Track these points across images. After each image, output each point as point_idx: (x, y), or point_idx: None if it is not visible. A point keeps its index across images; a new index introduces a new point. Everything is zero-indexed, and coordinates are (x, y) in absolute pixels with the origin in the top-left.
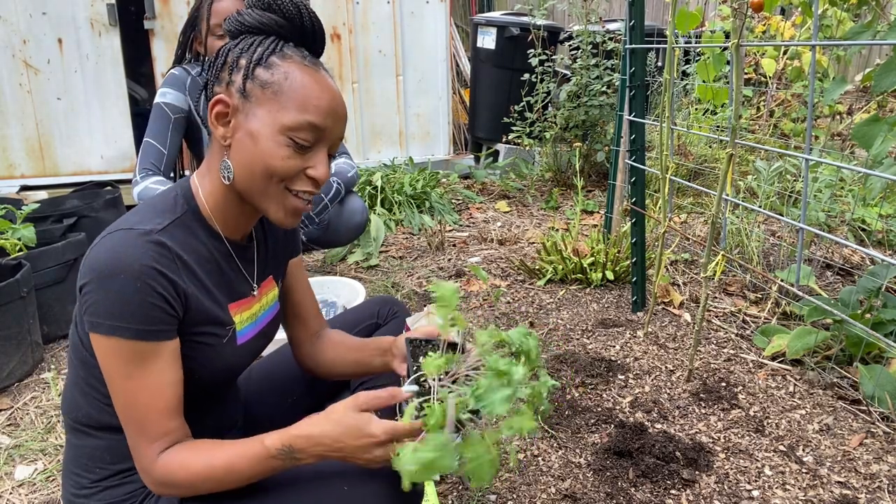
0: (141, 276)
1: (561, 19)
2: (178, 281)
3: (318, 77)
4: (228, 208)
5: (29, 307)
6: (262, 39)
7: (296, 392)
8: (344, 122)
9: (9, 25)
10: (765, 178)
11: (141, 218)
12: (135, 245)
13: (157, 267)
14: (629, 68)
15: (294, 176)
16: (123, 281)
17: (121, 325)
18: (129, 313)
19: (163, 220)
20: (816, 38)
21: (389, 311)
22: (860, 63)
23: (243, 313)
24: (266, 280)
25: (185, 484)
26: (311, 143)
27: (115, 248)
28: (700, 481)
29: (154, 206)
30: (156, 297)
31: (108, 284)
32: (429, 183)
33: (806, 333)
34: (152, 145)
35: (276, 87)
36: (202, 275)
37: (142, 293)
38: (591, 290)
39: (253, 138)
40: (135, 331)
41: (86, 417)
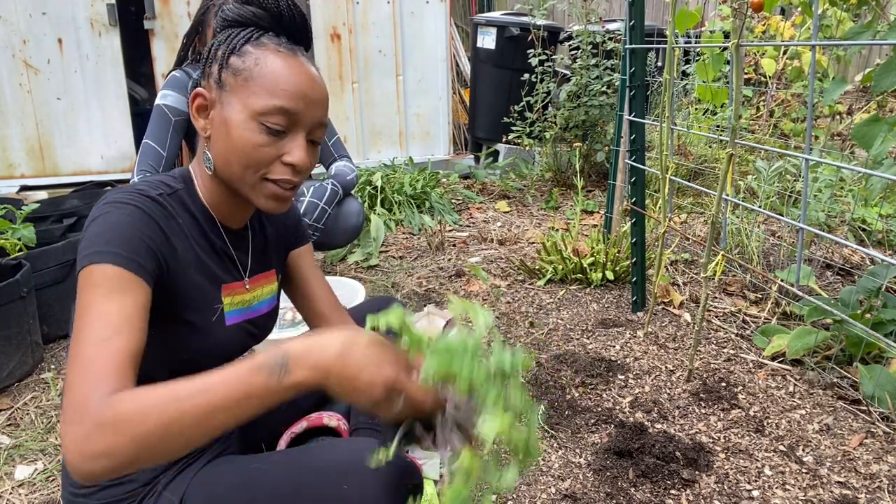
0: (135, 214)
1: (561, 19)
2: (170, 234)
3: (292, 61)
4: (221, 198)
5: (29, 307)
6: (240, 31)
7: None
8: (321, 107)
9: (9, 25)
10: (765, 178)
11: (139, 186)
12: (134, 198)
13: (153, 216)
14: (629, 68)
15: (270, 163)
16: (118, 216)
17: (106, 250)
18: (118, 239)
19: (160, 189)
20: (816, 38)
21: None
22: (860, 63)
23: (234, 297)
24: (265, 273)
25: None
26: (285, 128)
27: (114, 198)
28: (700, 481)
29: (151, 181)
30: (145, 235)
31: (103, 219)
32: (429, 183)
33: (806, 333)
34: (151, 147)
35: (246, 74)
36: (196, 245)
37: (133, 228)
38: (591, 290)
39: (227, 127)
40: (119, 256)
41: None
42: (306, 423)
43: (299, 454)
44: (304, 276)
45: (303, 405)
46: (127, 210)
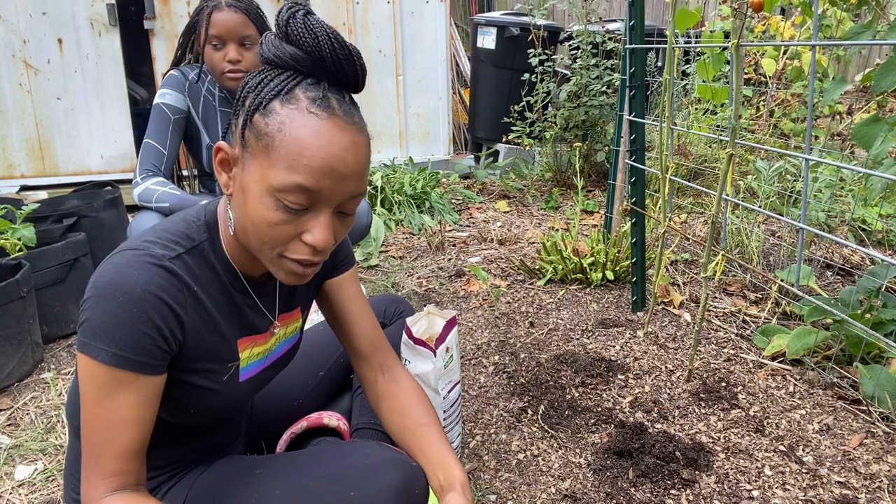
0: (140, 301)
1: (561, 19)
2: (181, 313)
3: (322, 126)
4: (244, 255)
5: (29, 307)
6: (275, 76)
7: (300, 397)
8: (355, 180)
9: (9, 25)
10: (765, 178)
11: (156, 240)
12: (142, 268)
13: (161, 295)
14: (629, 68)
15: (287, 241)
16: (121, 303)
17: (107, 350)
18: (118, 338)
19: (179, 246)
20: (816, 38)
21: (395, 311)
22: (860, 63)
23: (254, 349)
24: (289, 313)
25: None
26: (306, 206)
27: (121, 269)
28: (700, 481)
29: (173, 230)
30: (150, 326)
31: (105, 304)
32: (429, 183)
33: (806, 333)
34: (152, 146)
35: (268, 140)
36: (212, 307)
37: (137, 319)
38: (591, 290)
39: (245, 195)
40: (118, 357)
41: None
42: (306, 423)
43: (304, 460)
44: (342, 308)
45: (303, 406)
46: (133, 299)
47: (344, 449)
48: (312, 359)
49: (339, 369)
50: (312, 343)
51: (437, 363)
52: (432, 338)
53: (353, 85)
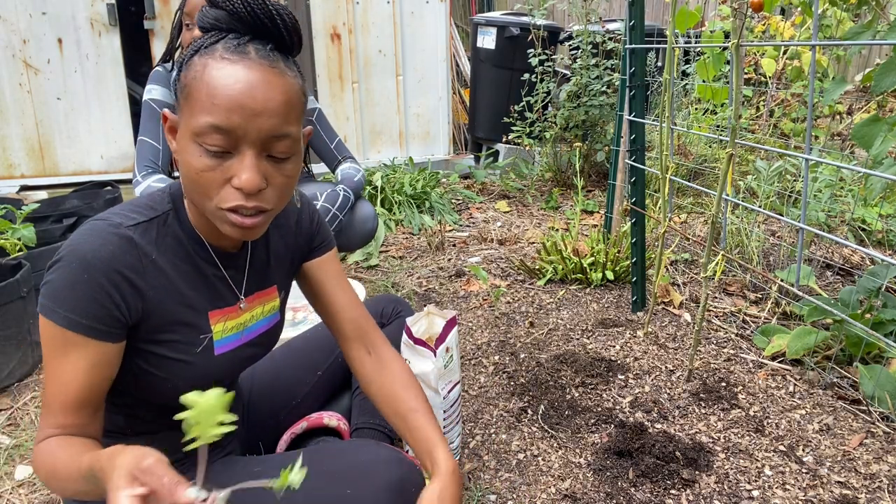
0: (91, 268)
1: (561, 19)
2: (137, 281)
3: (232, 68)
4: (204, 220)
5: (29, 307)
6: (203, 38)
7: (298, 396)
8: (270, 116)
9: (9, 25)
10: (765, 178)
11: (119, 212)
12: (96, 236)
13: (113, 263)
14: (629, 68)
15: (219, 188)
16: (74, 269)
17: (58, 311)
18: (71, 303)
19: (139, 216)
20: (816, 38)
21: (394, 311)
22: (860, 63)
23: (227, 322)
24: (265, 290)
25: (40, 475)
26: (227, 148)
27: (79, 237)
28: (700, 481)
29: (138, 203)
30: (101, 293)
31: (61, 270)
32: (429, 183)
33: (806, 333)
34: (147, 143)
35: (186, 91)
36: (175, 277)
37: (88, 285)
38: (591, 290)
39: (180, 152)
40: (70, 320)
41: None
42: (306, 423)
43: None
44: (323, 290)
45: (301, 405)
46: (84, 265)
47: (341, 448)
48: (310, 358)
49: (337, 369)
50: (311, 342)
51: (437, 363)
52: (432, 338)
53: (278, 36)
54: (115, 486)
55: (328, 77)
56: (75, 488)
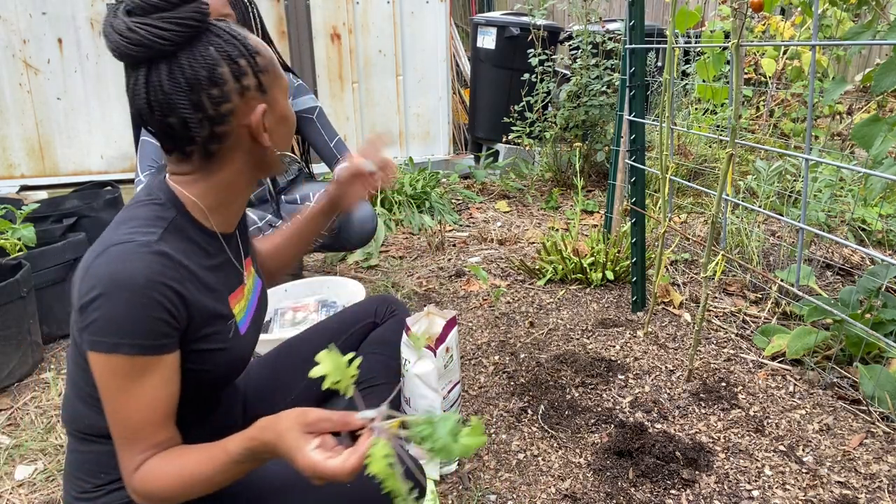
0: (146, 290)
1: (561, 19)
2: (182, 290)
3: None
4: (228, 204)
5: (29, 307)
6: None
7: (291, 394)
8: None
9: (9, 25)
10: (765, 178)
11: (132, 229)
12: (137, 259)
13: (162, 280)
14: (629, 68)
15: None
16: (128, 298)
17: (123, 342)
18: (133, 330)
19: (156, 228)
20: (816, 38)
21: (387, 310)
22: (860, 63)
23: (240, 301)
24: (246, 260)
25: (160, 494)
26: None
27: (118, 265)
28: (700, 481)
29: (142, 216)
30: (160, 310)
31: (112, 302)
32: (429, 183)
33: (806, 333)
34: (149, 142)
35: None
36: (202, 275)
37: (147, 308)
38: (591, 290)
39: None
40: (138, 346)
41: (89, 427)
42: None
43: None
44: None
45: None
46: (135, 290)
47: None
48: (305, 356)
49: None
50: (305, 341)
51: (437, 363)
52: (432, 338)
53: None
54: (296, 446)
55: (328, 77)
56: (221, 479)
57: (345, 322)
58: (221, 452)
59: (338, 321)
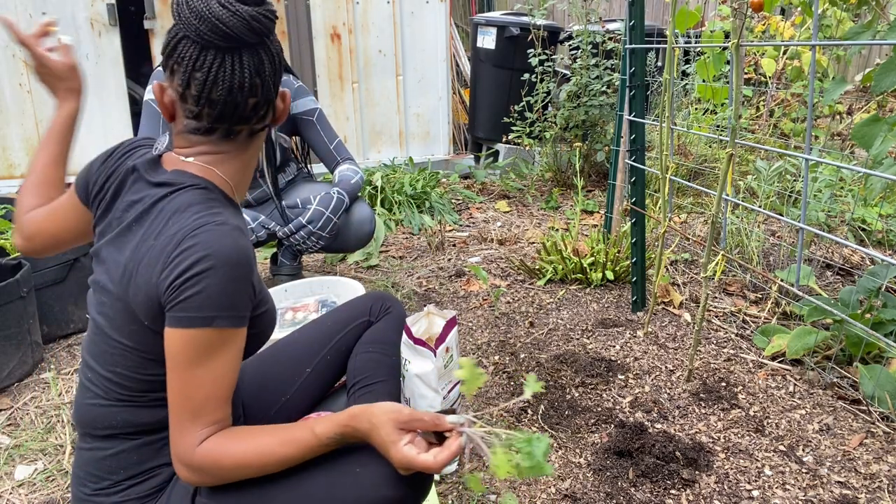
0: (240, 267)
1: (561, 19)
2: (253, 260)
3: None
4: (249, 177)
5: (29, 307)
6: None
7: (287, 392)
8: None
9: None
10: (765, 178)
11: (198, 213)
12: (226, 236)
13: (249, 253)
14: (629, 68)
15: None
16: (228, 272)
17: (221, 315)
18: (231, 303)
19: (216, 207)
20: (816, 38)
21: (382, 308)
22: (860, 63)
23: None
24: None
25: (230, 471)
26: None
27: (210, 244)
28: (700, 481)
29: (194, 201)
30: (248, 283)
31: (215, 278)
32: (429, 183)
33: (806, 333)
34: None
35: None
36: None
37: (242, 281)
38: (591, 290)
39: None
40: (232, 318)
41: (122, 424)
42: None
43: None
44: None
45: (290, 402)
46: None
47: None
48: (298, 356)
49: (327, 367)
50: (299, 340)
51: (437, 363)
52: (432, 338)
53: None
54: (390, 441)
55: (328, 77)
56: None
57: (339, 321)
58: (308, 434)
59: (332, 320)
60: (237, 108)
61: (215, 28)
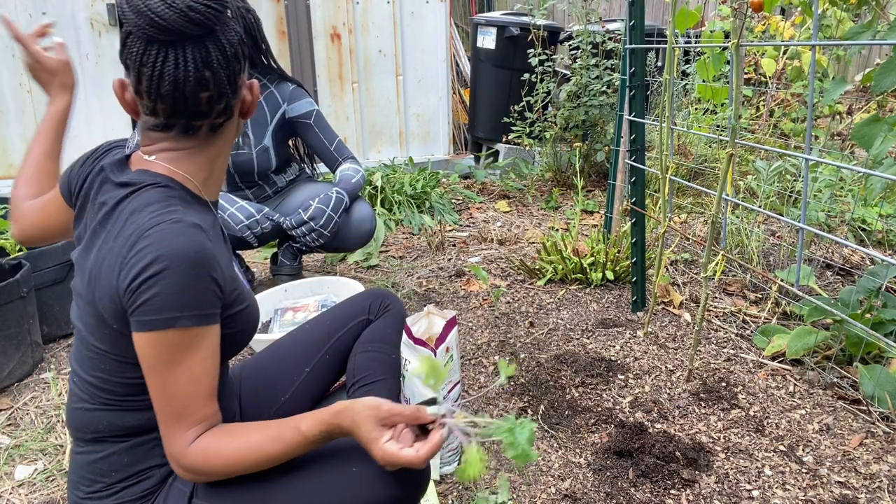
0: (198, 261)
1: (561, 19)
2: (218, 256)
3: None
4: (219, 173)
5: (29, 307)
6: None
7: (286, 392)
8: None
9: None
10: (765, 178)
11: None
12: (180, 233)
13: (208, 249)
14: (629, 68)
15: None
16: (185, 271)
17: (182, 315)
18: (191, 302)
19: (173, 205)
20: (816, 38)
21: (381, 305)
22: (860, 63)
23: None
24: None
25: (219, 469)
26: None
27: (165, 243)
28: (700, 481)
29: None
30: (210, 280)
31: (171, 278)
32: (429, 183)
33: (806, 333)
34: None
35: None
36: (218, 241)
37: (201, 279)
38: (591, 290)
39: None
40: (195, 317)
41: (108, 427)
42: None
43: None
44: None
45: (289, 402)
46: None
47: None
48: (296, 355)
49: (325, 367)
50: (298, 339)
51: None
52: (432, 338)
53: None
54: (371, 438)
55: (328, 77)
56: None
57: (338, 320)
58: (293, 432)
59: (331, 319)
60: (188, 102)
61: (152, 22)
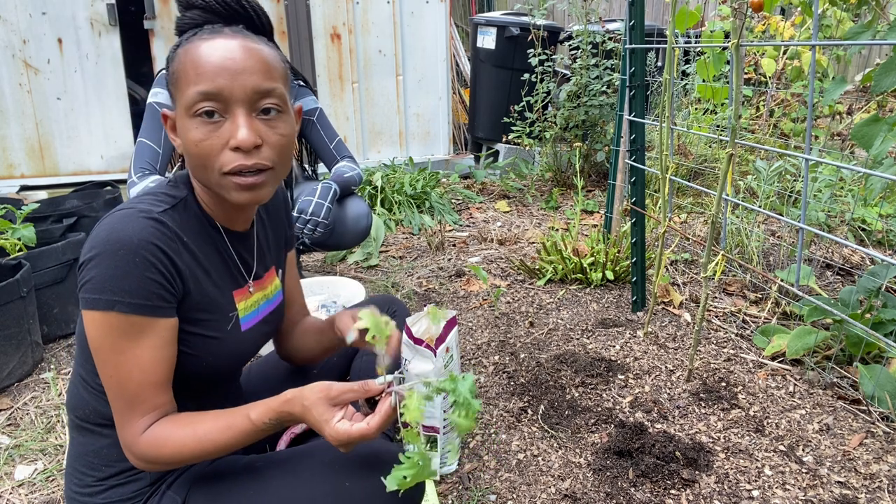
0: (140, 250)
1: (561, 19)
2: (177, 259)
3: (209, 42)
4: (216, 203)
5: (29, 307)
6: (181, 37)
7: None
8: (253, 73)
9: (9, 25)
10: (765, 178)
11: (142, 200)
12: (133, 222)
13: (156, 242)
14: (629, 68)
15: (218, 154)
16: (123, 255)
17: (119, 300)
18: (128, 287)
19: (163, 203)
20: (816, 38)
21: (389, 311)
22: (860, 63)
23: (248, 300)
24: (268, 270)
25: (170, 457)
26: (218, 110)
27: (114, 226)
28: (700, 481)
29: (155, 192)
30: (154, 272)
31: (107, 260)
32: (429, 183)
33: (806, 333)
34: (147, 145)
35: (176, 76)
36: (202, 258)
37: (141, 267)
38: (591, 290)
39: (181, 136)
40: (133, 305)
41: (94, 414)
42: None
43: (301, 452)
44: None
45: None
46: (131, 249)
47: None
48: None
49: (332, 368)
50: None
51: (437, 363)
52: (432, 338)
53: (248, 18)
54: (323, 420)
55: (328, 77)
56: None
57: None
58: (243, 421)
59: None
60: None
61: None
